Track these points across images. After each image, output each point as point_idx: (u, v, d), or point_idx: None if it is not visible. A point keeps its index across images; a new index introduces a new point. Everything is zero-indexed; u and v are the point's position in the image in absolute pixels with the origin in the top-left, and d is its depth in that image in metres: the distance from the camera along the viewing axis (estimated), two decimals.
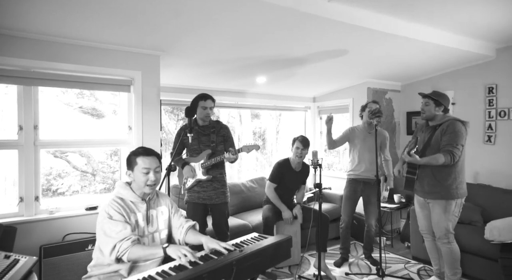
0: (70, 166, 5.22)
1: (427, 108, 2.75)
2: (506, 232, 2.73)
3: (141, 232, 1.76)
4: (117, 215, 1.66)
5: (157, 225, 1.84)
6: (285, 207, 3.25)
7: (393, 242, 4.05)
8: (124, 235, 1.60)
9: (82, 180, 5.28)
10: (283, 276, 3.15)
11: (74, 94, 5.06)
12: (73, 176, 5.20)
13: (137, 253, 1.59)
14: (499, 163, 3.64)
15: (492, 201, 3.36)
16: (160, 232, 1.85)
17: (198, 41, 2.77)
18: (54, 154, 5.02)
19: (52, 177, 4.94)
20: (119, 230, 1.61)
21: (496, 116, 3.65)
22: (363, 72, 4.13)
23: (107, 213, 1.66)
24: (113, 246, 1.58)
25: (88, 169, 5.41)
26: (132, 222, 1.71)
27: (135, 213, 1.75)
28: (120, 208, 1.69)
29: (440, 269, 2.90)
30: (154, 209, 1.85)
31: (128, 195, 1.76)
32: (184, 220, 1.92)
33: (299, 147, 3.19)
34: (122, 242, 1.58)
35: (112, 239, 1.59)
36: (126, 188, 1.78)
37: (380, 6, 2.48)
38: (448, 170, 2.63)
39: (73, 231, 2.61)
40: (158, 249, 1.60)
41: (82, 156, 5.44)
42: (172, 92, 3.95)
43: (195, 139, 2.77)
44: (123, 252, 1.57)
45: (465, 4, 2.48)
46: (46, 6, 2.04)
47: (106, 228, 1.63)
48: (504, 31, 3.14)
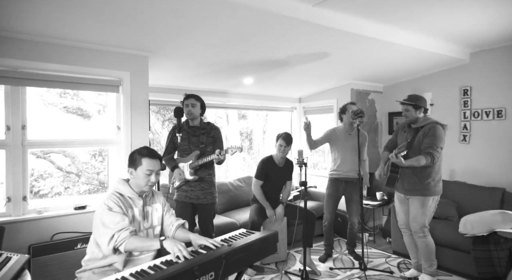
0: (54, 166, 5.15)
1: (408, 113, 2.90)
2: (478, 225, 2.91)
3: (138, 226, 1.82)
4: (116, 207, 1.72)
5: (152, 221, 1.91)
6: (268, 205, 3.34)
7: (375, 237, 4.21)
8: (122, 226, 1.67)
9: (65, 181, 5.21)
10: (270, 272, 3.24)
11: (57, 93, 5.01)
12: (56, 177, 5.14)
13: (134, 244, 1.65)
14: (473, 161, 3.85)
15: (466, 197, 3.55)
16: (154, 228, 1.92)
17: (185, 43, 2.83)
18: (37, 154, 4.95)
19: (33, 179, 4.87)
20: (118, 221, 1.67)
21: (471, 116, 3.86)
22: (347, 73, 4.28)
23: (107, 205, 1.72)
24: (111, 236, 1.63)
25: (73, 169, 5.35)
26: (130, 216, 1.77)
27: (132, 208, 1.82)
28: (119, 201, 1.76)
29: (418, 262, 3.06)
30: (150, 206, 1.92)
31: (126, 191, 1.83)
32: (175, 218, 1.99)
33: (282, 145, 3.29)
34: (121, 232, 1.64)
35: (111, 230, 1.65)
36: (124, 184, 1.84)
37: (362, 11, 2.60)
38: (427, 170, 2.80)
39: (61, 230, 2.62)
40: (155, 241, 1.66)
41: (66, 157, 5.37)
42: (160, 92, 3.98)
43: (185, 139, 2.83)
44: (121, 241, 1.63)
45: (441, 11, 2.63)
46: (35, 7, 2.06)
47: (105, 219, 1.68)
48: (477, 37, 3.33)
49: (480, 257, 2.78)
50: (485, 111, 3.73)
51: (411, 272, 3.10)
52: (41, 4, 2.04)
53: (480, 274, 2.78)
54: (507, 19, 2.84)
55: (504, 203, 3.28)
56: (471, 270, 2.91)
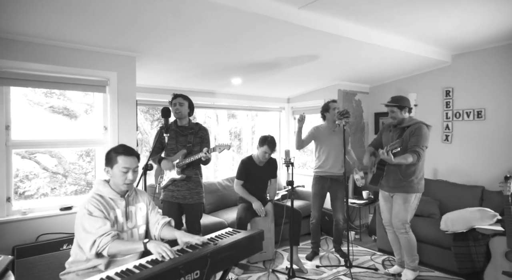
0: (39, 167, 5.07)
1: (394, 114, 2.98)
2: (458, 222, 3.01)
3: (120, 227, 1.82)
4: (96, 212, 1.71)
5: (136, 221, 1.91)
6: (254, 198, 3.37)
7: (362, 236, 4.30)
8: (104, 231, 1.66)
9: (51, 182, 5.13)
10: (258, 271, 3.28)
11: (43, 93, 4.93)
12: (42, 178, 5.06)
13: (117, 248, 1.65)
14: (455, 161, 3.97)
15: (448, 195, 3.66)
16: (139, 228, 1.92)
17: (173, 44, 2.84)
18: (22, 155, 4.86)
19: (18, 180, 4.78)
20: (99, 226, 1.67)
21: (453, 117, 3.97)
22: (334, 75, 4.35)
23: (87, 209, 1.71)
24: (93, 242, 1.63)
25: (59, 170, 5.27)
26: (111, 219, 1.77)
27: (114, 210, 1.81)
28: (99, 204, 1.74)
29: (401, 258, 3.15)
30: (133, 205, 1.92)
31: (107, 192, 1.82)
32: (161, 216, 1.99)
33: (267, 152, 3.32)
34: (102, 237, 1.64)
35: (92, 235, 1.64)
36: (105, 186, 1.83)
37: (348, 14, 2.66)
38: (412, 167, 2.89)
39: (47, 231, 2.60)
40: (139, 244, 1.67)
41: (53, 157, 5.29)
42: (148, 92, 3.97)
43: (172, 139, 2.84)
44: (103, 246, 1.63)
45: (424, 15, 2.71)
46: (20, 7, 2.05)
47: (86, 224, 1.67)
48: (459, 40, 3.43)
49: (460, 253, 2.88)
50: (466, 111, 3.85)
51: (394, 269, 3.18)
52: (26, 4, 2.02)
53: (460, 270, 2.88)
54: (488, 23, 2.94)
55: (483, 201, 3.40)
56: (451, 265, 3.00)
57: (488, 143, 3.67)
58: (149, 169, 2.37)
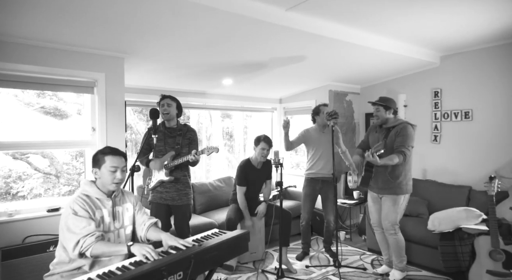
0: (31, 168, 5.03)
1: (379, 114, 3.01)
2: (445, 222, 3.05)
3: (107, 227, 1.81)
4: (82, 211, 1.71)
5: (123, 221, 1.91)
6: (248, 215, 3.40)
7: (352, 235, 4.32)
8: (88, 231, 1.66)
9: (45, 182, 5.10)
10: (247, 271, 3.29)
11: (35, 93, 4.90)
12: (35, 178, 5.02)
13: (100, 249, 1.65)
14: (443, 161, 4.01)
15: (436, 195, 3.71)
16: (125, 228, 1.92)
17: (161, 45, 2.84)
18: (14, 155, 4.82)
19: (11, 180, 4.74)
20: (83, 226, 1.67)
21: (441, 117, 4.02)
22: (325, 75, 4.37)
23: (72, 209, 1.71)
24: (76, 242, 1.63)
25: (52, 170, 5.24)
26: (97, 219, 1.77)
27: (101, 209, 1.81)
28: (85, 204, 1.74)
29: (389, 258, 3.18)
30: (120, 205, 1.92)
31: (94, 192, 1.82)
32: (147, 217, 1.99)
33: (265, 148, 3.34)
34: (86, 238, 1.64)
35: (76, 235, 1.64)
36: (91, 186, 1.83)
37: (335, 16, 2.68)
38: (400, 168, 2.91)
39: (34, 233, 2.59)
40: (123, 246, 1.67)
41: (45, 157, 5.25)
42: (139, 93, 3.97)
43: (161, 140, 2.84)
44: (86, 247, 1.63)
45: (412, 17, 2.74)
46: (6, 8, 2.03)
47: (70, 223, 1.67)
48: (447, 41, 3.47)
49: (446, 252, 2.92)
50: (454, 112, 3.89)
51: (382, 268, 3.21)
52: (12, 5, 2.01)
53: (446, 268, 2.92)
54: (476, 24, 2.98)
55: (470, 200, 3.45)
56: (438, 265, 3.04)
57: (475, 144, 3.72)
58: (137, 170, 2.37)
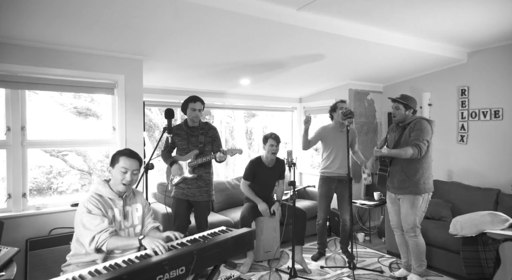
0: (67, 165, 5.36)
1: (398, 112, 2.92)
2: (468, 226, 2.88)
3: (118, 226, 1.92)
4: (95, 210, 1.82)
5: (132, 221, 2.00)
6: (259, 200, 3.39)
7: (371, 237, 4.21)
8: (102, 228, 1.76)
9: (82, 178, 5.41)
10: (262, 270, 3.31)
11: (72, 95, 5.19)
12: (73, 174, 5.34)
13: (115, 243, 1.75)
14: (470, 162, 3.80)
15: (461, 197, 3.52)
16: (135, 227, 2.01)
17: (179, 48, 2.93)
18: (51, 153, 5.16)
19: (52, 176, 5.08)
20: (97, 223, 1.77)
21: (468, 117, 3.80)
22: (344, 74, 4.28)
23: (86, 207, 1.81)
24: (92, 237, 1.74)
25: (85, 167, 5.55)
26: (109, 217, 1.87)
27: (112, 209, 1.91)
28: (98, 203, 1.85)
29: (408, 261, 3.07)
30: (130, 205, 2.01)
31: (106, 192, 1.92)
32: (152, 220, 2.09)
33: (273, 144, 3.34)
34: (101, 234, 1.74)
35: (91, 231, 1.75)
36: (104, 186, 1.94)
37: (349, 14, 2.62)
38: (416, 166, 2.81)
39: (59, 225, 2.76)
40: (135, 240, 1.77)
41: (79, 155, 5.58)
42: (159, 93, 4.10)
43: (184, 139, 2.93)
44: (102, 242, 1.73)
45: (437, 13, 2.63)
46: (34, 15, 2.19)
47: (85, 221, 1.78)
48: (474, 37, 3.29)
49: (469, 258, 2.76)
50: (483, 111, 3.67)
51: (400, 272, 3.10)
52: (39, 13, 2.16)
53: (468, 275, 2.76)
54: (503, 19, 2.80)
55: (498, 204, 3.24)
56: (460, 270, 2.88)
57: (505, 144, 3.49)
58: (150, 168, 2.47)
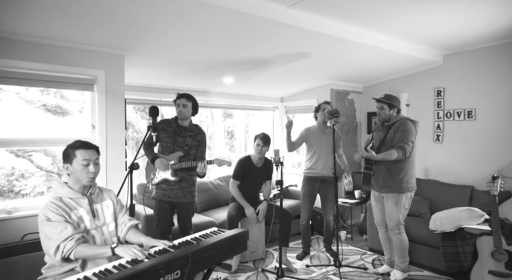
0: (34, 166, 5.04)
1: (382, 112, 2.99)
2: (447, 222, 3.01)
3: (89, 226, 1.76)
4: (55, 217, 1.65)
5: (104, 219, 1.86)
6: (247, 204, 3.36)
7: (353, 235, 4.30)
8: (66, 235, 1.61)
9: (48, 180, 5.11)
10: (248, 270, 3.27)
11: (39, 91, 4.89)
12: (38, 176, 5.03)
13: (84, 252, 1.61)
14: (446, 160, 3.98)
15: (439, 194, 3.67)
16: (108, 225, 1.87)
17: (162, 42, 2.82)
18: (16, 153, 4.83)
19: (14, 178, 4.75)
20: (60, 231, 1.61)
21: (444, 117, 3.98)
22: (326, 74, 4.34)
23: (45, 216, 1.65)
24: (56, 247, 1.58)
25: (54, 169, 5.25)
26: (74, 220, 1.71)
27: (77, 209, 1.75)
28: (58, 208, 1.67)
29: (391, 258, 3.15)
30: (99, 203, 1.86)
31: (66, 192, 1.75)
32: (128, 218, 1.96)
33: (259, 144, 3.33)
34: (66, 242, 1.59)
35: (54, 241, 1.59)
36: (63, 187, 1.77)
37: (336, 14, 2.65)
38: (400, 165, 2.88)
39: (32, 230, 2.57)
40: (106, 248, 1.63)
41: (47, 155, 5.26)
42: (138, 91, 3.95)
43: (170, 137, 2.82)
44: (68, 251, 1.58)
45: (416, 15, 2.71)
46: (6, 5, 2.02)
47: (46, 231, 1.62)
48: (450, 40, 3.44)
49: (448, 252, 2.89)
50: (457, 111, 3.85)
51: (383, 268, 3.18)
52: (15, 3, 2.00)
53: (447, 269, 2.89)
54: (478, 23, 2.94)
55: (473, 200, 3.41)
56: (440, 265, 3.01)
57: (478, 143, 3.68)
58: (136, 168, 2.35)
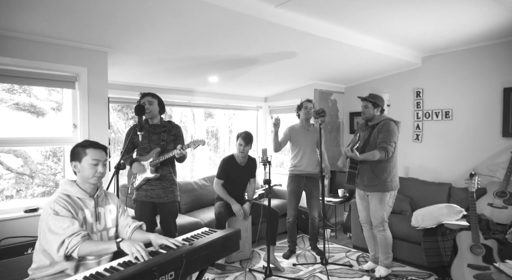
0: (3, 167, 4.79)
1: (367, 110, 3.06)
2: (428, 219, 3.13)
3: (90, 229, 1.73)
4: (63, 211, 1.62)
5: (105, 223, 1.83)
6: (233, 200, 3.35)
7: (337, 233, 4.37)
8: (72, 231, 1.57)
9: (17, 183, 4.87)
10: (235, 270, 3.26)
11: (5, 89, 4.66)
12: (6, 179, 4.78)
13: (89, 248, 1.56)
14: (425, 159, 4.13)
15: (419, 192, 3.81)
16: (109, 230, 1.84)
17: (146, 39, 2.75)
18: None
19: None
20: (67, 226, 1.57)
21: (423, 117, 4.13)
22: (310, 74, 4.40)
23: (53, 209, 1.61)
24: (61, 242, 1.53)
25: (26, 170, 5.00)
26: (80, 219, 1.68)
27: (83, 210, 1.72)
28: (66, 204, 1.65)
29: (375, 255, 3.23)
30: (102, 207, 1.84)
31: (75, 191, 1.73)
32: (131, 220, 1.93)
33: (241, 144, 3.33)
34: (72, 238, 1.55)
35: (59, 236, 1.55)
36: (72, 185, 1.75)
37: (325, 14, 2.69)
38: (384, 165, 2.95)
39: (10, 235, 2.44)
40: (112, 243, 1.60)
41: (18, 157, 5.02)
42: (121, 89, 3.84)
43: (145, 138, 2.76)
44: (72, 248, 1.54)
45: (397, 17, 2.79)
46: None
47: (51, 224, 1.57)
48: (428, 42, 3.57)
49: (429, 248, 3.00)
50: (435, 112, 4.01)
51: (368, 265, 3.26)
52: None
53: (429, 264, 2.99)
54: (455, 26, 3.07)
55: (451, 197, 3.56)
56: (421, 260, 3.11)
57: (455, 142, 3.85)
58: (122, 169, 2.29)
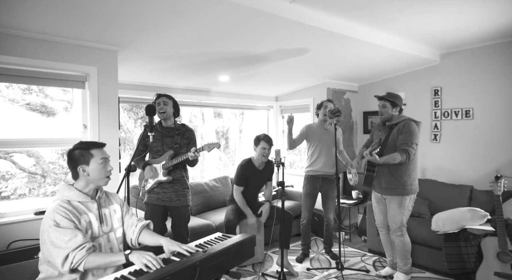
0: (16, 167, 4.82)
1: (385, 110, 2.91)
2: (449, 223, 2.99)
3: (96, 232, 1.66)
4: (64, 222, 1.52)
5: (112, 224, 1.76)
6: (251, 212, 3.26)
7: (351, 236, 4.25)
8: (76, 244, 1.48)
9: (30, 182, 4.90)
10: (247, 275, 3.17)
11: (21, 89, 4.68)
12: (19, 178, 4.82)
13: (96, 262, 1.49)
14: (443, 160, 3.97)
15: (437, 194, 3.66)
16: (115, 231, 1.77)
17: (156, 36, 2.68)
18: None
19: None
20: (69, 239, 1.48)
21: (441, 116, 3.98)
22: (323, 72, 4.28)
23: (53, 220, 1.51)
24: (65, 257, 1.45)
25: (38, 170, 5.03)
26: (84, 226, 1.60)
27: (87, 214, 1.64)
28: (68, 213, 1.55)
29: (393, 260, 3.10)
30: (106, 208, 1.76)
31: (75, 196, 1.64)
32: (136, 219, 1.85)
33: (265, 147, 3.21)
34: (76, 252, 1.46)
35: (63, 250, 1.46)
36: (70, 189, 1.65)
37: (341, 10, 2.58)
38: (403, 168, 2.81)
39: (19, 238, 2.41)
40: (120, 256, 1.52)
41: (30, 157, 5.04)
42: (131, 89, 3.80)
43: (158, 140, 2.70)
44: (78, 262, 1.46)
45: (414, 13, 2.67)
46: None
47: (53, 237, 1.49)
48: (447, 39, 3.43)
49: (451, 254, 2.86)
50: (454, 111, 3.85)
51: (386, 270, 3.13)
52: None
53: (450, 270, 2.86)
54: (476, 22, 2.93)
55: (472, 200, 3.41)
56: (442, 266, 2.97)
57: (476, 143, 3.69)
58: (132, 171, 2.22)
